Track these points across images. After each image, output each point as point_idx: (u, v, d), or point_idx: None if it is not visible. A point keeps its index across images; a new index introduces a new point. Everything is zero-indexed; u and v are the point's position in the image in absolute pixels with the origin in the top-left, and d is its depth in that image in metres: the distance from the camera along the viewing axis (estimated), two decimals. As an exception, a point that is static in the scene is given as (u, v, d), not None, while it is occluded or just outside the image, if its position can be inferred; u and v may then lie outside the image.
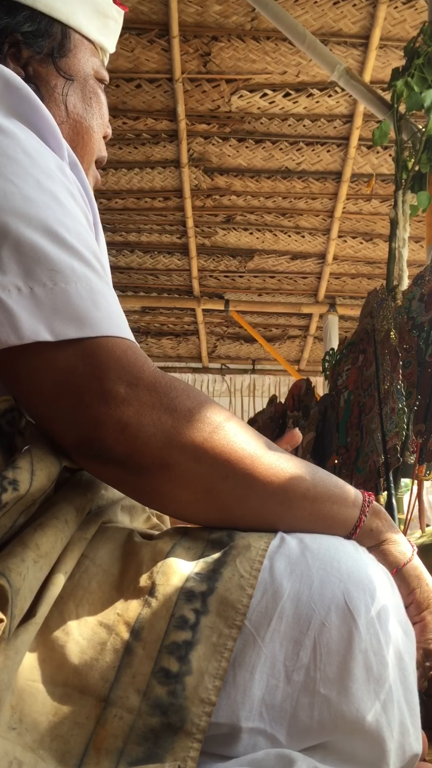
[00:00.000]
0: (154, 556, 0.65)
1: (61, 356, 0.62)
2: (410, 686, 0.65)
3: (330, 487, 0.70)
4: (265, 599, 0.62)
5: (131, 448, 0.63)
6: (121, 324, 0.66)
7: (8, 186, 0.64)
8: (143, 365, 0.64)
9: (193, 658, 0.59)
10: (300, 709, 0.61)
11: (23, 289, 0.62)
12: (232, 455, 0.65)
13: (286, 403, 2.64)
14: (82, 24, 0.89)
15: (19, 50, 0.85)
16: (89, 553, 0.65)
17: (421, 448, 1.75)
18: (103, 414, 0.62)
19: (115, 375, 0.63)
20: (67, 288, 0.63)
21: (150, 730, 0.56)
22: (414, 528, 1.98)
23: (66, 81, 0.87)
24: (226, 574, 0.63)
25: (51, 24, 0.86)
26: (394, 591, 0.68)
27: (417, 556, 0.74)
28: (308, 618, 0.62)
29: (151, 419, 0.63)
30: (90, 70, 0.91)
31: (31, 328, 0.61)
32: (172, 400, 0.64)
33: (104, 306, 0.65)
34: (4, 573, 0.55)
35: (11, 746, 0.54)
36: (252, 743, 0.61)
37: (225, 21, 3.68)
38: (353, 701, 0.61)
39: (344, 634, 0.62)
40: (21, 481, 0.60)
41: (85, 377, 0.62)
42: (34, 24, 0.85)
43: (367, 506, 0.71)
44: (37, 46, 0.85)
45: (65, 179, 0.69)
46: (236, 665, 0.61)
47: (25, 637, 0.56)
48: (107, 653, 0.59)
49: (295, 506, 0.68)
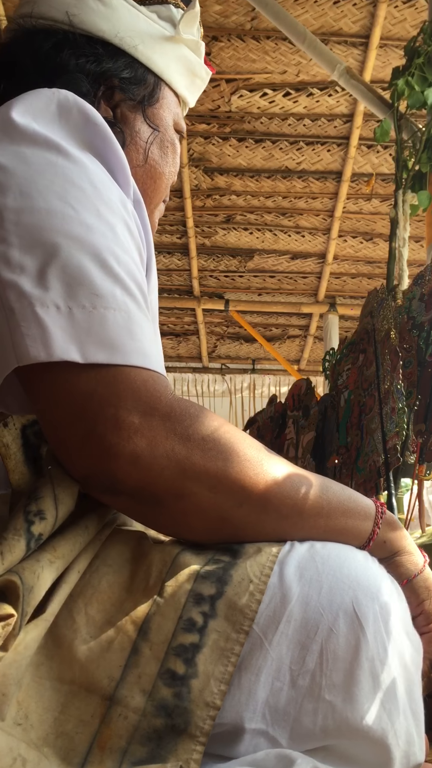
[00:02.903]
0: (163, 557, 0.65)
1: (84, 379, 0.62)
2: (416, 696, 0.65)
3: (344, 502, 0.70)
4: (273, 603, 0.62)
5: (144, 481, 0.63)
6: (152, 356, 0.65)
7: (68, 210, 0.65)
8: (161, 395, 0.64)
9: (200, 662, 0.59)
10: (304, 714, 0.61)
11: (62, 308, 0.62)
12: (247, 482, 0.65)
13: (286, 403, 2.64)
14: (173, 78, 0.94)
15: (112, 93, 0.88)
16: (101, 554, 0.66)
17: (421, 447, 1.75)
18: (116, 445, 0.61)
19: (131, 404, 0.62)
20: (106, 314, 0.63)
21: (154, 731, 0.56)
22: (414, 528, 1.98)
23: (152, 131, 0.91)
24: (236, 577, 0.63)
25: (146, 73, 0.91)
26: (402, 600, 0.68)
27: (429, 567, 0.74)
28: (316, 623, 0.62)
29: (164, 450, 0.62)
30: (171, 120, 0.95)
31: (62, 346, 0.61)
32: (186, 428, 0.64)
33: (139, 336, 0.64)
34: (17, 571, 0.56)
35: (16, 743, 0.54)
36: (254, 744, 0.61)
37: (225, 21, 3.68)
38: (358, 709, 0.61)
39: (351, 641, 0.62)
40: (46, 510, 0.60)
41: (100, 404, 0.62)
42: (132, 71, 0.89)
43: (380, 518, 0.71)
44: (131, 93, 0.89)
45: (125, 213, 0.70)
46: (242, 667, 0.61)
47: (34, 634, 0.56)
48: (114, 652, 0.59)
49: (309, 524, 0.68)
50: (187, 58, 0.95)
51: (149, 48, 0.90)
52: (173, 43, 0.93)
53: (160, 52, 0.91)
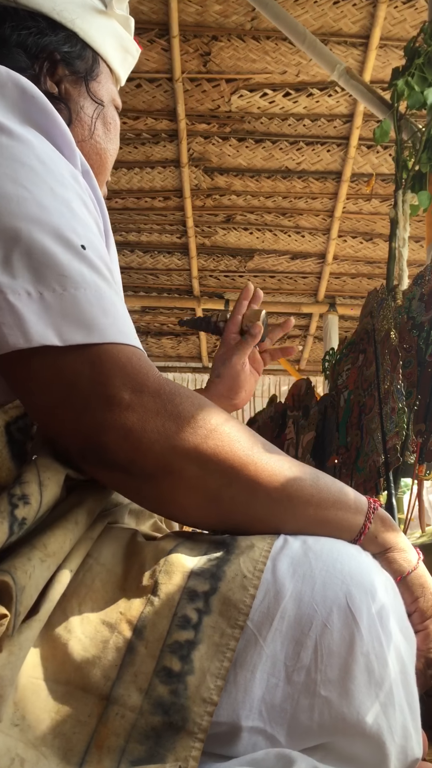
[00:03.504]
0: (156, 555, 0.65)
1: (68, 361, 0.63)
2: (411, 690, 0.65)
3: (334, 493, 0.70)
4: (267, 599, 0.62)
5: (135, 454, 0.63)
6: (128, 331, 0.66)
7: (22, 192, 0.64)
8: (148, 372, 0.65)
9: (196, 658, 0.59)
10: (300, 710, 0.61)
11: (33, 293, 0.62)
12: (236, 461, 0.65)
13: (286, 403, 2.64)
14: (109, 53, 0.94)
15: (55, 68, 0.88)
16: (93, 553, 0.66)
17: (421, 447, 1.75)
18: (108, 420, 0.62)
19: (120, 381, 0.63)
20: (77, 294, 0.63)
21: (152, 729, 0.56)
22: (414, 528, 1.98)
23: (96, 106, 0.92)
24: (229, 573, 0.63)
25: (85, 48, 0.91)
26: (396, 595, 0.68)
27: (422, 564, 0.73)
28: (310, 619, 0.62)
29: (155, 425, 0.63)
30: (110, 96, 0.95)
31: (39, 332, 0.61)
32: (176, 406, 0.65)
33: (112, 313, 0.65)
34: (9, 571, 0.56)
35: (13, 743, 0.54)
36: (252, 743, 0.61)
37: (225, 21, 3.68)
38: (354, 703, 0.61)
39: (346, 636, 0.61)
40: (30, 494, 0.60)
41: (91, 383, 0.63)
42: (72, 45, 0.90)
43: (372, 513, 0.71)
44: (73, 67, 0.90)
45: (78, 187, 0.70)
46: (238, 664, 0.61)
47: (28, 634, 0.56)
48: (109, 651, 0.59)
49: (299, 512, 0.68)
50: (119, 34, 0.96)
51: (86, 22, 0.91)
52: (106, 18, 0.94)
53: (96, 27, 0.92)
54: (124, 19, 0.96)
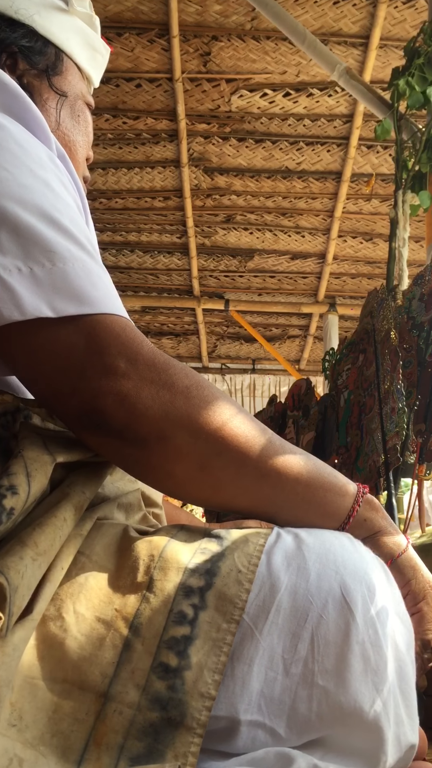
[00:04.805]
0: (150, 551, 0.65)
1: (63, 333, 0.64)
2: (406, 677, 0.65)
3: (324, 475, 0.71)
4: (262, 593, 0.63)
5: (129, 419, 0.65)
6: (117, 303, 0.68)
7: (3, 173, 0.66)
8: (142, 342, 0.67)
9: (192, 653, 0.59)
10: (299, 702, 0.61)
11: (23, 269, 0.64)
12: (227, 432, 0.67)
13: (286, 403, 2.64)
14: (74, 51, 0.96)
15: (15, 62, 0.90)
16: (85, 550, 0.66)
17: (421, 447, 1.75)
18: (104, 386, 0.64)
19: (115, 350, 0.65)
20: (65, 268, 0.65)
21: (150, 725, 0.56)
22: (414, 528, 1.98)
23: (59, 97, 0.93)
24: (224, 568, 0.63)
25: (46, 45, 0.93)
26: (391, 582, 0.68)
27: (411, 548, 0.74)
28: (306, 611, 0.62)
29: (149, 393, 0.65)
30: (78, 92, 0.96)
31: (32, 304, 0.63)
32: (170, 377, 0.66)
33: (101, 286, 0.67)
34: (2, 571, 0.55)
35: (11, 743, 0.54)
36: (251, 737, 0.61)
37: (225, 21, 3.69)
38: (351, 692, 0.61)
39: (341, 626, 0.62)
40: (18, 485, 0.61)
41: (86, 353, 0.64)
42: (32, 41, 0.91)
43: (360, 497, 0.72)
44: (33, 61, 0.91)
45: (55, 168, 0.72)
46: (235, 659, 0.61)
47: (22, 634, 0.56)
48: (106, 649, 0.59)
49: (288, 489, 0.69)
50: (84, 31, 0.97)
51: (46, 20, 0.92)
52: (69, 16, 0.95)
53: (57, 24, 0.93)
54: (87, 17, 0.98)
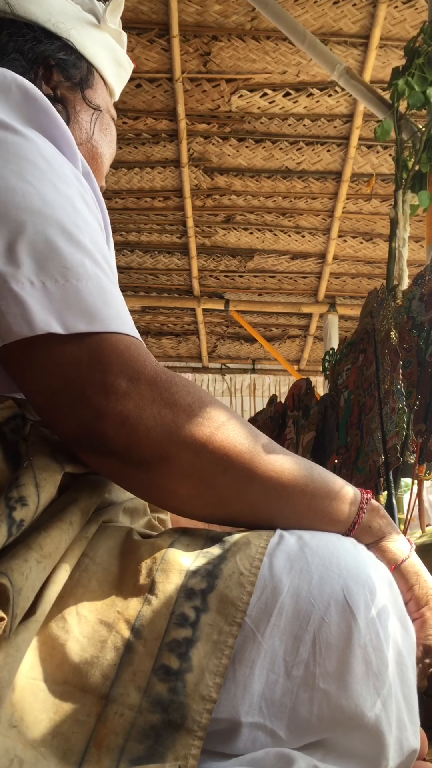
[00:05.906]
0: (153, 553, 0.65)
1: (69, 349, 0.64)
2: (408, 682, 0.65)
3: (328, 484, 0.70)
4: (264, 595, 0.62)
5: (131, 441, 0.64)
6: (128, 322, 0.67)
7: (27, 187, 0.66)
8: (145, 361, 0.66)
9: (194, 656, 0.59)
10: (300, 704, 0.61)
11: (36, 283, 0.63)
12: (231, 450, 0.66)
13: (286, 403, 2.64)
14: (103, 66, 0.98)
15: (51, 74, 0.92)
16: (89, 552, 0.66)
17: (421, 447, 1.76)
18: (104, 407, 0.63)
19: (118, 369, 0.64)
20: (78, 285, 0.65)
21: (151, 728, 0.56)
22: (414, 528, 1.98)
23: (93, 111, 0.95)
24: (226, 571, 0.63)
25: (80, 58, 0.95)
26: (393, 587, 0.68)
27: (415, 553, 0.74)
28: (308, 613, 0.62)
29: (151, 413, 0.64)
30: (106, 105, 0.99)
31: (43, 320, 0.62)
32: (173, 395, 0.65)
33: (113, 304, 0.66)
34: (6, 573, 0.56)
35: (12, 744, 0.54)
36: (252, 739, 0.61)
37: (225, 21, 3.69)
38: (352, 696, 0.61)
39: (343, 629, 0.62)
40: (28, 496, 0.61)
41: (88, 370, 0.63)
42: (68, 54, 0.93)
43: (365, 503, 0.72)
44: (68, 73, 0.93)
45: (80, 186, 0.72)
46: (236, 661, 0.61)
47: (25, 636, 0.56)
48: (108, 651, 0.59)
49: (293, 501, 0.69)
50: (113, 48, 0.99)
51: (81, 35, 0.95)
52: (100, 32, 0.97)
53: (90, 39, 0.96)
54: (117, 34, 1.00)
